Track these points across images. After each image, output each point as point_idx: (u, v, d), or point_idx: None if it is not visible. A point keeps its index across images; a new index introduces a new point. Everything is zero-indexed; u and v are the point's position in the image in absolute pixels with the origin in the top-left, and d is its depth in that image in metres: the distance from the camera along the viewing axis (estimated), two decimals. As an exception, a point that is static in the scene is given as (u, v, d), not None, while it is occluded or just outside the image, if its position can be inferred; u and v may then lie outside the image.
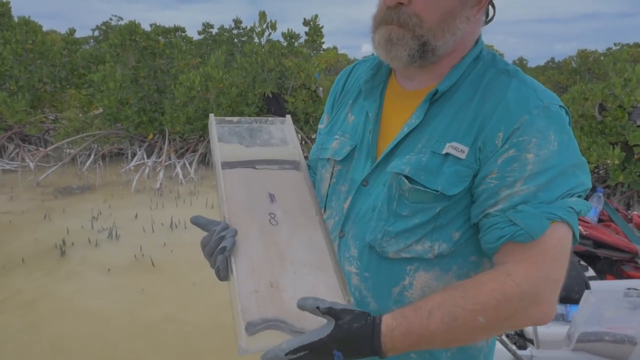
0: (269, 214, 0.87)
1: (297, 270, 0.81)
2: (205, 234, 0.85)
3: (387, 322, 0.77)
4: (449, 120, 0.89)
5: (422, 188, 0.87)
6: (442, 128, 0.89)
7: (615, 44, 19.08)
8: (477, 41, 0.96)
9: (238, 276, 0.77)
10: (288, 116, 1.06)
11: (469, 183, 0.87)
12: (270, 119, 1.03)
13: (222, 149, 0.95)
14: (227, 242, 0.79)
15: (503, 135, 0.83)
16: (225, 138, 0.98)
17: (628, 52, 7.29)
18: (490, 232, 0.84)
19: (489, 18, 0.98)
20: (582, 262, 2.46)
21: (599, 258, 2.55)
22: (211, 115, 1.01)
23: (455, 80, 0.92)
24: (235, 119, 1.01)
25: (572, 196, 0.83)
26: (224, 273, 0.79)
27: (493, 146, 0.84)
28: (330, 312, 0.74)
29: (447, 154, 0.87)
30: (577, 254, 2.52)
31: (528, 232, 0.80)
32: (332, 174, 1.04)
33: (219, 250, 0.78)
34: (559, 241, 0.81)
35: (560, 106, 0.86)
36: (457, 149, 0.86)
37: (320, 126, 1.19)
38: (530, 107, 0.84)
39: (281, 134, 1.02)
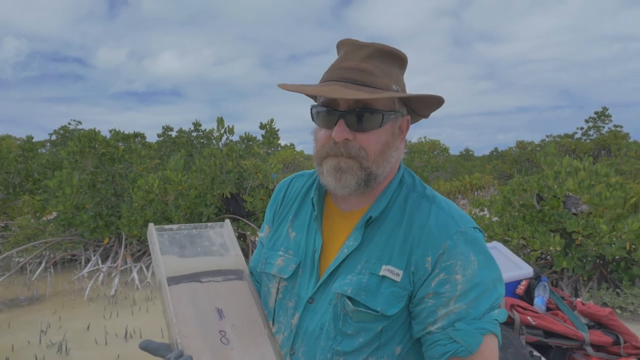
0: (219, 332, 0.87)
1: None
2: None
3: None
4: (383, 244, 1.01)
5: (363, 309, 0.96)
6: (377, 251, 1.00)
7: (547, 136, 20.77)
8: (400, 166, 1.10)
9: None
10: (227, 220, 1.09)
11: (405, 302, 0.98)
12: (209, 224, 1.05)
13: (165, 263, 0.94)
14: None
15: (431, 259, 0.96)
16: (165, 248, 0.97)
17: (557, 145, 8.00)
18: (434, 348, 0.95)
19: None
20: (535, 353, 2.55)
21: (551, 347, 2.65)
22: (151, 225, 1.01)
23: (385, 204, 1.04)
24: (175, 226, 1.02)
25: (494, 309, 0.97)
26: None
27: (424, 270, 0.97)
28: None
29: (383, 276, 0.98)
30: (530, 344, 2.62)
31: (467, 348, 0.93)
32: (278, 289, 1.10)
33: None
34: (492, 351, 0.95)
35: (474, 228, 1.01)
36: (393, 272, 0.97)
37: (260, 234, 1.25)
38: (450, 233, 0.97)
39: (221, 239, 1.04)
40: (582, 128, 22.08)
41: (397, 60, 1.03)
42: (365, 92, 0.93)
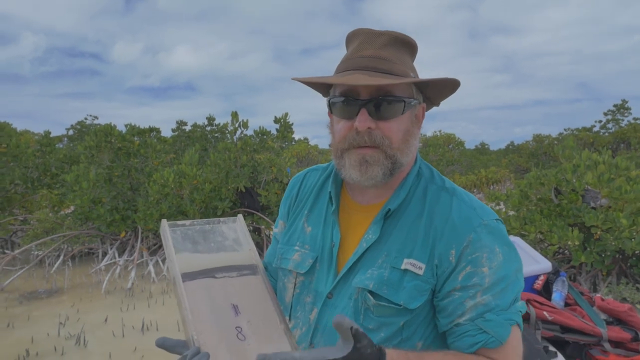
0: (236, 328, 0.87)
1: None
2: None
3: (392, 355, 0.83)
4: (403, 237, 0.99)
5: (386, 304, 0.95)
6: (398, 244, 0.99)
7: (565, 129, 20.43)
8: (416, 157, 1.08)
9: None
10: (239, 215, 1.08)
11: (428, 296, 0.97)
12: (222, 219, 1.05)
13: (179, 259, 0.93)
14: None
15: (455, 252, 0.95)
16: (179, 244, 0.97)
17: (575, 138, 7.85)
18: (462, 339, 0.95)
19: None
20: (551, 348, 2.52)
21: (568, 343, 2.62)
22: (163, 221, 1.01)
23: (404, 197, 1.02)
24: (187, 222, 1.02)
25: (517, 300, 0.97)
26: None
27: (448, 263, 0.95)
28: (356, 333, 0.78)
29: (405, 270, 0.96)
30: (547, 339, 2.58)
31: (498, 339, 0.93)
32: (295, 284, 1.09)
33: None
34: (518, 341, 0.96)
35: (496, 220, 1.00)
36: (415, 265, 0.96)
37: (275, 230, 1.24)
38: (474, 226, 0.96)
39: (234, 234, 1.03)
40: (600, 121, 21.68)
41: (409, 47, 1.02)
42: (387, 79, 0.92)
